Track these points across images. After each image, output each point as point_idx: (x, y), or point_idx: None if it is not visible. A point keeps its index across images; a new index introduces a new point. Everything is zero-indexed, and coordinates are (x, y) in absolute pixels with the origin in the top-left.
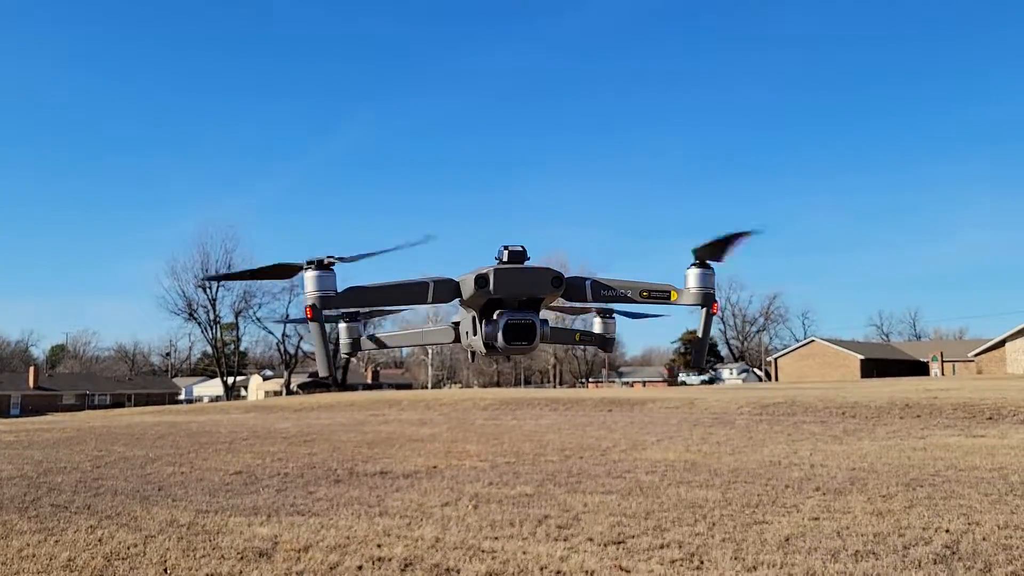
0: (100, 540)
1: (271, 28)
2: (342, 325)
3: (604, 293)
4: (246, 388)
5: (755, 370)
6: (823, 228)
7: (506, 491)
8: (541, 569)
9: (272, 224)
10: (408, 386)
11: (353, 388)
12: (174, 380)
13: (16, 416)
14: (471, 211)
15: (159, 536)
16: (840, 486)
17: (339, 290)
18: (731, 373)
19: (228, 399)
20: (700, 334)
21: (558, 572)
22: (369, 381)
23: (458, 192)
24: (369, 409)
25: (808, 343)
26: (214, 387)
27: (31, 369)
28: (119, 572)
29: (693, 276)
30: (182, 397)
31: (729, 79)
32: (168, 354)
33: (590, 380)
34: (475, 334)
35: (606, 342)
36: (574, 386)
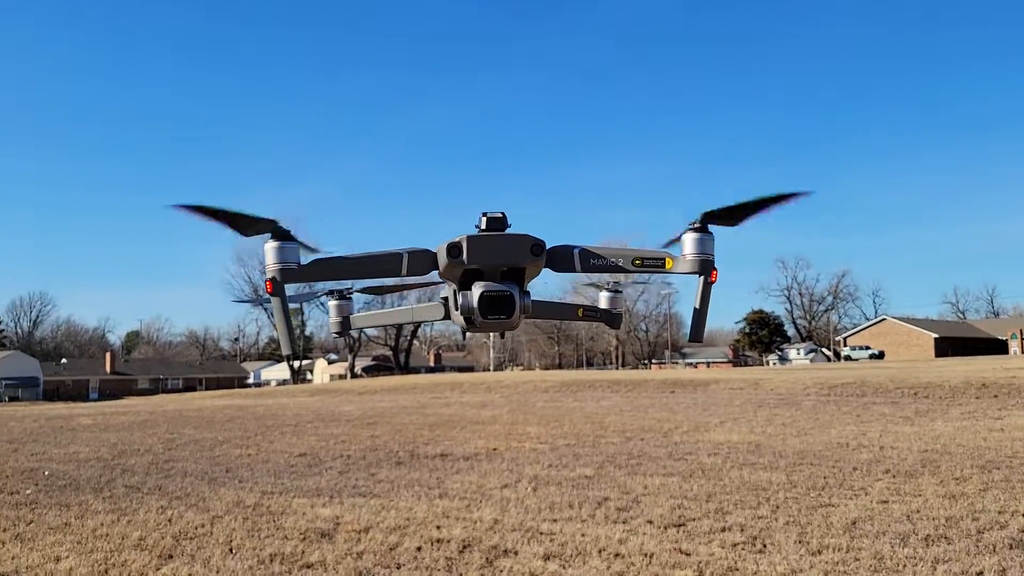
0: (169, 520)
1: (347, 5)
2: (331, 303)
3: (594, 263)
4: (312, 372)
5: (823, 350)
6: (895, 203)
7: (566, 473)
8: (600, 552)
9: (343, 209)
10: (470, 368)
11: (415, 371)
12: (243, 364)
13: (95, 400)
14: (537, 191)
15: (225, 517)
16: (911, 468)
17: (303, 262)
18: (798, 353)
19: (294, 383)
20: (698, 304)
21: (617, 555)
22: (432, 364)
23: (529, 172)
24: (431, 392)
25: (879, 322)
26: (281, 371)
27: (108, 355)
28: (187, 551)
29: (690, 241)
30: (250, 381)
31: (795, 45)
32: (236, 339)
33: (653, 361)
34: (456, 308)
35: (612, 318)
36: (636, 367)
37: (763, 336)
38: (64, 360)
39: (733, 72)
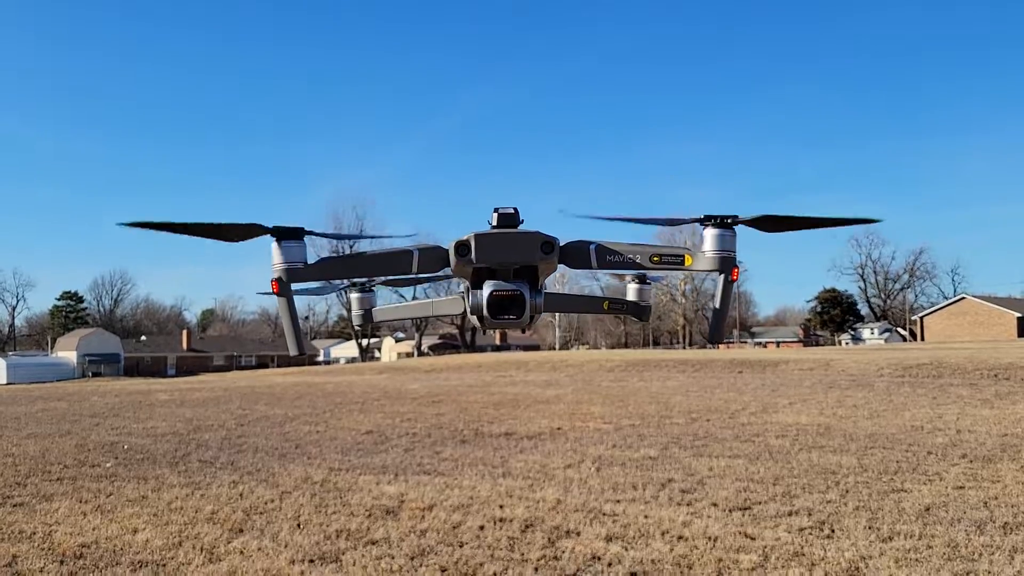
0: (241, 495)
1: None
2: (353, 295)
3: (611, 259)
4: (380, 350)
5: (899, 330)
6: (976, 178)
7: (629, 454)
8: (663, 534)
9: (405, 190)
10: (536, 347)
11: (482, 350)
12: (313, 342)
13: (172, 376)
14: (598, 174)
15: (294, 492)
16: (989, 453)
17: (309, 261)
18: (872, 333)
19: (363, 360)
20: (717, 304)
21: (680, 537)
22: (497, 342)
23: (585, 154)
24: (496, 370)
25: (958, 300)
26: (350, 349)
27: (184, 332)
28: (256, 526)
29: (711, 238)
30: (320, 359)
31: (873, 18)
32: (307, 317)
33: (721, 341)
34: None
35: (640, 310)
36: (704, 347)
37: (835, 315)
38: (143, 337)
39: (803, 48)
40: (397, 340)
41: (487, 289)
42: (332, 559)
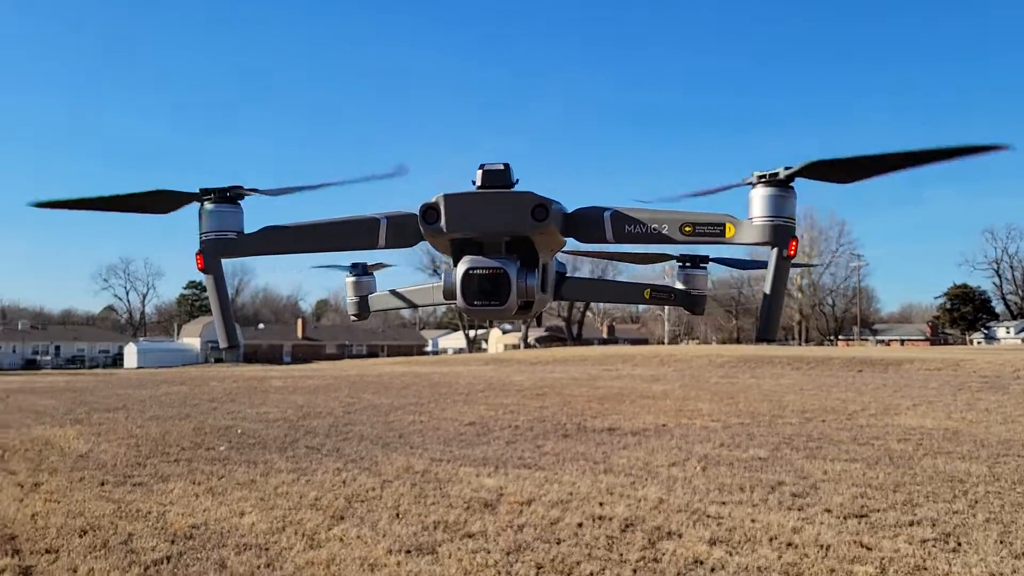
0: (344, 482)
1: None
2: (348, 279)
3: (630, 229)
4: (486, 341)
5: None
6: None
7: (738, 454)
8: (770, 540)
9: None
10: (643, 341)
11: (588, 342)
12: (422, 332)
13: (287, 363)
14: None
15: (395, 482)
16: None
17: (246, 230)
18: (1008, 332)
19: (470, 351)
20: (769, 288)
21: (789, 544)
22: (604, 335)
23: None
24: (602, 364)
25: None
26: (457, 339)
27: (299, 321)
28: (357, 514)
29: (759, 199)
30: (428, 349)
31: None
32: (416, 308)
33: (839, 338)
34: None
35: (693, 301)
36: (821, 344)
37: (966, 313)
38: (261, 325)
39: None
40: (504, 332)
41: (461, 266)
42: (428, 550)
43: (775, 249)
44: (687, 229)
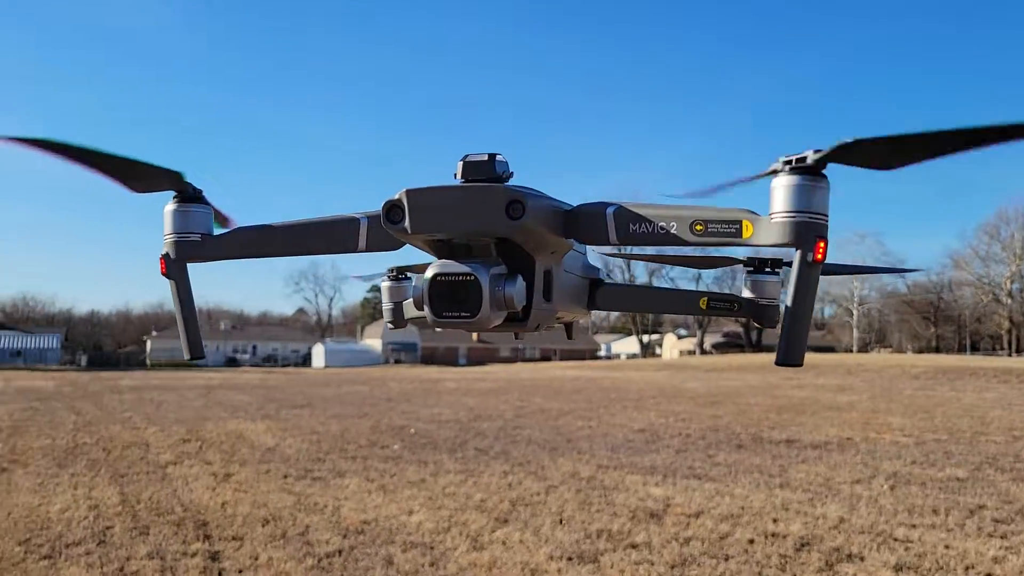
0: (510, 485)
1: None
2: (384, 284)
3: (635, 229)
4: (661, 346)
5: None
6: None
7: (932, 472)
8: (966, 569)
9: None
10: (830, 349)
11: (769, 349)
12: (595, 337)
13: (462, 366)
14: None
15: (560, 487)
16: None
17: (214, 232)
18: None
19: (643, 356)
20: (790, 301)
21: (988, 575)
22: None
23: None
24: (783, 372)
25: None
26: (631, 344)
27: None
28: (520, 518)
29: (782, 191)
30: (601, 353)
31: None
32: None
33: None
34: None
35: (760, 311)
36: None
37: None
38: (438, 328)
39: None
40: (679, 337)
41: (429, 272)
42: (590, 559)
43: (799, 252)
44: (698, 228)
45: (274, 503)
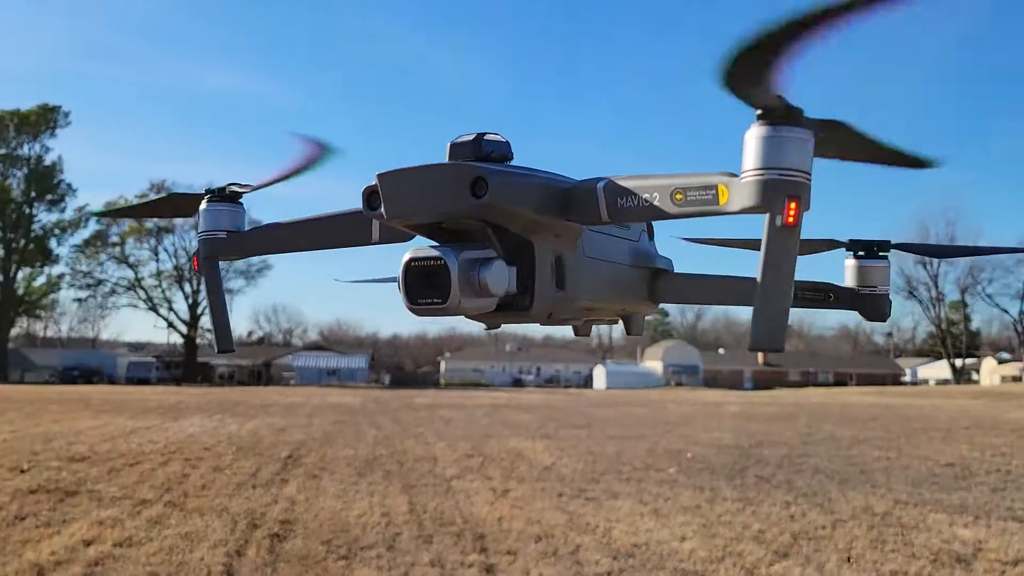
0: (792, 517)
1: None
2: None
3: (623, 203)
4: (978, 371)
5: None
6: None
7: None
8: None
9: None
10: None
11: None
12: (897, 361)
13: (747, 389)
14: None
15: (849, 522)
16: None
17: (244, 228)
18: None
19: (956, 383)
20: (759, 274)
21: None
22: None
23: None
24: None
25: None
26: (940, 369)
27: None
28: (802, 552)
29: (754, 146)
30: (906, 379)
31: None
32: (891, 334)
33: None
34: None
35: (865, 303)
36: None
37: None
38: (721, 350)
39: None
40: (1000, 361)
41: (404, 257)
42: None
43: (769, 216)
44: (678, 197)
45: (548, 520)
